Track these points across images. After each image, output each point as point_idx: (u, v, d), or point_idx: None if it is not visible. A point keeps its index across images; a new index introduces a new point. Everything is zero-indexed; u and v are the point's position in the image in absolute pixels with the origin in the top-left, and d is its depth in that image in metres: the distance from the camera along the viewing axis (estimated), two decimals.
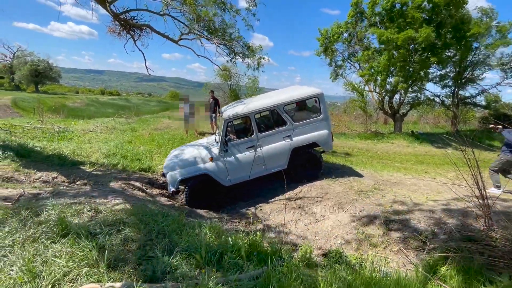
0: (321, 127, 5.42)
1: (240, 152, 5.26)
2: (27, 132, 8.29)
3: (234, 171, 5.23)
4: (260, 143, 5.28)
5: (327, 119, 5.49)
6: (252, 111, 5.22)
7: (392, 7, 12.66)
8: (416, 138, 13.37)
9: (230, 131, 5.55)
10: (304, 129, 5.38)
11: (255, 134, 5.25)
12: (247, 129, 5.58)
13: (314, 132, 5.39)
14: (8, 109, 21.21)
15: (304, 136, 5.36)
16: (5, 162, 5.28)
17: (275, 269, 2.31)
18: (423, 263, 3.00)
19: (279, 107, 5.29)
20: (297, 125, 5.36)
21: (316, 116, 5.44)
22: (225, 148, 5.16)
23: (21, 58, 36.24)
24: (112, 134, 9.73)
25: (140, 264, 2.23)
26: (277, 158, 5.32)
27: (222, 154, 5.18)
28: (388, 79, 14.05)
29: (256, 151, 5.25)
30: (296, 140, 5.34)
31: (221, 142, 5.13)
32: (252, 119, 5.22)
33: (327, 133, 5.44)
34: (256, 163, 5.24)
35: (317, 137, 5.38)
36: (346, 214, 4.24)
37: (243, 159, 5.23)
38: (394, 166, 8.04)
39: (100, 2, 6.71)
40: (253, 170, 5.27)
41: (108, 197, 4.01)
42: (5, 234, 2.41)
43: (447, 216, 3.73)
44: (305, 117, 5.48)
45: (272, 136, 5.32)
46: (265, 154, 5.27)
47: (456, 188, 3.49)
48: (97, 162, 6.49)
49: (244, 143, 5.27)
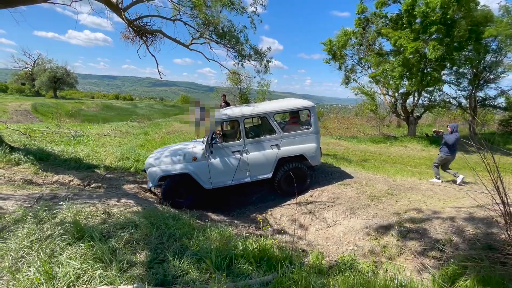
0: (310, 140, 5.37)
1: (226, 155, 5.20)
2: (45, 136, 8.63)
3: (216, 174, 5.15)
4: (247, 148, 5.22)
5: (317, 133, 5.45)
6: (242, 115, 5.19)
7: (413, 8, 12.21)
8: (430, 142, 12.96)
9: (218, 134, 5.51)
10: (292, 140, 5.33)
11: (242, 139, 5.21)
12: (235, 133, 5.52)
13: (303, 145, 5.34)
14: (29, 114, 22.16)
15: (292, 147, 5.31)
16: (25, 165, 5.51)
17: (285, 275, 2.28)
18: (440, 272, 2.88)
19: (269, 115, 5.26)
20: (286, 135, 5.31)
21: (306, 128, 5.41)
22: (210, 149, 5.10)
23: (41, 66, 37.90)
24: (126, 138, 9.98)
25: (152, 268, 2.25)
26: (262, 165, 5.25)
27: (207, 155, 5.12)
28: (402, 81, 13.74)
29: (241, 156, 5.18)
30: (283, 150, 5.28)
31: (206, 143, 5.09)
32: (240, 124, 5.19)
33: (315, 147, 5.37)
34: (241, 168, 5.18)
35: (305, 150, 5.32)
36: (359, 220, 4.15)
37: (227, 163, 5.17)
38: (408, 171, 7.81)
39: (115, 10, 6.95)
40: (237, 176, 5.21)
41: (121, 200, 4.10)
42: (24, 236, 2.49)
43: (466, 223, 3.58)
44: (295, 129, 5.45)
45: (259, 143, 5.27)
46: (250, 160, 5.20)
47: (474, 194, 3.35)
48: (111, 166, 6.65)
49: (230, 147, 5.22)
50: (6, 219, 2.83)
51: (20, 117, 20.23)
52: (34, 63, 38.51)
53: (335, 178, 5.92)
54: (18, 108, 22.74)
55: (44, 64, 38.01)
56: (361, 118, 20.83)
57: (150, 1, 7.19)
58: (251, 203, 5.77)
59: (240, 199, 6.00)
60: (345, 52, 15.85)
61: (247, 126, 5.74)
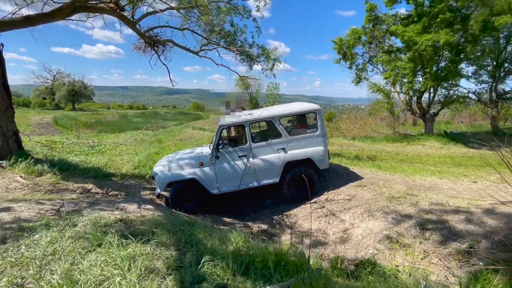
0: (317, 143, 5.28)
1: (232, 160, 5.18)
2: (66, 148, 8.99)
3: (223, 179, 5.14)
4: (253, 153, 5.18)
5: (324, 135, 5.35)
6: (247, 120, 5.18)
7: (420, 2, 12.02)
8: (450, 139, 12.44)
9: (224, 139, 5.51)
10: (299, 144, 5.26)
11: (248, 143, 5.18)
12: (241, 138, 5.51)
13: (310, 148, 5.25)
14: (50, 127, 23.24)
15: (298, 151, 5.23)
16: (47, 176, 5.74)
17: (304, 281, 2.23)
18: (468, 276, 2.72)
19: (275, 119, 5.22)
20: (292, 139, 5.25)
21: (312, 131, 5.32)
22: (217, 154, 5.10)
23: (60, 80, 39.78)
24: (141, 146, 10.23)
25: (169, 274, 2.26)
26: (269, 170, 5.19)
27: (213, 160, 5.11)
28: (416, 78, 13.35)
29: (248, 160, 5.15)
30: (290, 154, 5.21)
31: (213, 148, 5.10)
32: (246, 128, 5.17)
33: (323, 150, 5.27)
34: (247, 173, 5.14)
35: (312, 153, 5.23)
36: (377, 222, 4.01)
37: (234, 168, 5.15)
38: (427, 170, 7.52)
39: (127, 23, 7.21)
40: (243, 181, 5.17)
41: (138, 207, 4.18)
42: (47, 244, 2.58)
43: (494, 223, 3.38)
44: (302, 132, 5.38)
45: (265, 147, 5.23)
46: (257, 165, 5.16)
47: (501, 193, 3.16)
48: (128, 174, 6.82)
49: (237, 152, 5.19)
50: (30, 228, 2.95)
51: (42, 129, 21.25)
52: (54, 78, 40.45)
53: (350, 179, 5.78)
54: (40, 121, 23.92)
55: (62, 79, 39.89)
56: (374, 117, 20.38)
57: (161, 12, 7.42)
58: (266, 207, 5.73)
59: (255, 202, 5.97)
60: (355, 51, 15.64)
61: (254, 130, 5.74)
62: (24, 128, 12.83)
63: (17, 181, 5.29)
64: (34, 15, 6.26)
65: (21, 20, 6.15)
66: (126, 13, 7.11)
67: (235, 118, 5.28)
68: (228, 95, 6.31)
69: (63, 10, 6.28)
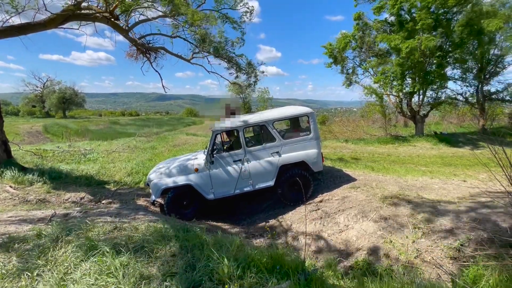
0: (310, 146, 5.35)
1: (227, 165, 5.20)
2: (56, 156, 8.84)
3: (218, 184, 5.15)
4: (248, 157, 5.22)
5: (317, 138, 5.43)
6: (241, 125, 5.23)
7: (399, 13, 12.52)
8: (440, 140, 12.72)
9: (218, 144, 5.54)
10: (293, 147, 5.32)
11: (242, 148, 5.22)
12: (235, 143, 5.54)
13: (303, 151, 5.33)
14: (40, 135, 22.79)
15: (292, 154, 5.29)
16: (38, 185, 5.63)
17: (299, 283, 2.24)
18: (460, 273, 2.79)
19: (268, 123, 5.28)
20: (286, 142, 5.31)
21: (306, 134, 5.41)
22: (211, 159, 5.12)
23: (50, 88, 39.20)
24: (134, 153, 10.13)
25: (165, 281, 2.25)
26: (264, 173, 5.23)
27: (208, 166, 5.13)
28: (405, 81, 13.69)
29: (243, 165, 5.18)
30: (284, 157, 5.26)
31: (207, 153, 5.12)
32: (240, 133, 5.21)
33: (316, 153, 5.35)
34: (242, 178, 5.17)
35: (306, 156, 5.30)
36: (371, 223, 4.07)
37: (228, 173, 5.16)
38: (418, 170, 7.66)
39: (120, 31, 7.21)
40: (239, 185, 5.19)
41: (132, 215, 4.13)
42: (39, 254, 2.53)
43: (483, 221, 3.47)
44: (295, 135, 5.46)
45: (260, 151, 5.27)
46: (251, 169, 5.19)
47: (489, 191, 3.26)
48: (121, 181, 6.74)
49: (231, 156, 5.22)
50: (22, 238, 2.89)
51: (32, 138, 20.82)
52: (44, 86, 39.84)
53: (344, 181, 5.85)
54: (30, 129, 23.43)
55: (53, 86, 39.32)
56: (366, 119, 20.67)
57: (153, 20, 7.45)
58: (261, 211, 5.74)
59: (250, 207, 5.97)
60: (346, 55, 15.95)
61: (248, 135, 5.77)
62: (13, 137, 12.56)
63: (7, 191, 5.17)
64: (26, 24, 6.20)
65: (13, 29, 6.08)
66: (119, 21, 7.11)
67: (229, 123, 5.31)
68: (224, 100, 6.35)
69: (56, 19, 6.24)
